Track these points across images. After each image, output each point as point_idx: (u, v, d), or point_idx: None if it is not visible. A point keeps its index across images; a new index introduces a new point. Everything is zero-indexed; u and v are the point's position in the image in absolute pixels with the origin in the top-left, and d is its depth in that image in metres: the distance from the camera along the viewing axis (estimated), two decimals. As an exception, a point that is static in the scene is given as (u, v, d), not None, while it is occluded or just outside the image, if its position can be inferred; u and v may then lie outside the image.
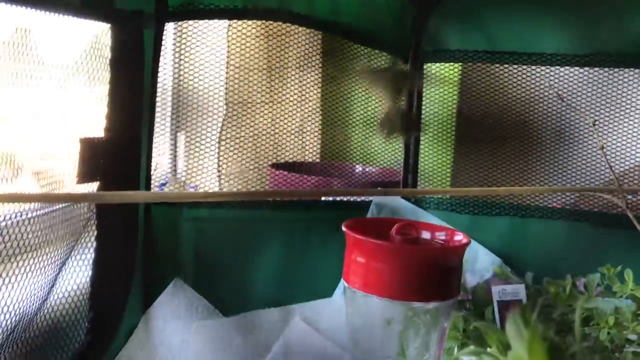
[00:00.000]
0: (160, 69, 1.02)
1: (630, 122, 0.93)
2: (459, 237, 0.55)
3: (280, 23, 0.93)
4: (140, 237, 0.76)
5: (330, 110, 1.34)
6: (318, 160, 1.39)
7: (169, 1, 0.75)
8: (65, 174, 0.68)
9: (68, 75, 0.69)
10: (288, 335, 0.81)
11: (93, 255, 0.70)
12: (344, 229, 0.54)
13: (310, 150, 1.38)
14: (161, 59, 1.11)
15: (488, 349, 0.39)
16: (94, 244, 0.70)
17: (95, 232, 0.71)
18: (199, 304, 0.80)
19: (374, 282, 0.51)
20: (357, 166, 1.32)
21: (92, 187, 0.69)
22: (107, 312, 0.70)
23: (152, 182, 0.79)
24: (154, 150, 0.83)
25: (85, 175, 0.67)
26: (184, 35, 1.00)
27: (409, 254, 0.51)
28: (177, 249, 0.81)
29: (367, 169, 1.30)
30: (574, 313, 0.71)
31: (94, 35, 0.72)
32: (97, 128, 0.70)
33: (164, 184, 0.88)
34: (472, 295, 0.77)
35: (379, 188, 0.99)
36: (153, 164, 0.81)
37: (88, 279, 0.70)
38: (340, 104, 1.30)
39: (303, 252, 0.89)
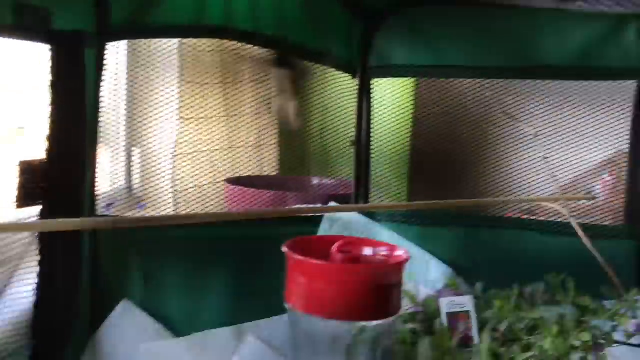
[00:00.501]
0: (113, 86, 1.01)
1: (571, 133, 0.96)
2: (400, 252, 0.56)
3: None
4: (86, 260, 0.75)
5: (285, 124, 1.35)
6: (276, 173, 1.39)
7: (112, 20, 0.74)
8: (3, 199, 0.67)
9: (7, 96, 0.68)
10: (242, 354, 0.80)
11: (36, 281, 0.68)
12: (284, 249, 0.54)
13: (268, 164, 1.38)
14: (114, 76, 1.10)
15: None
16: (37, 269, 0.69)
17: (38, 257, 0.69)
18: (148, 325, 0.79)
19: (316, 303, 0.51)
20: (314, 178, 1.33)
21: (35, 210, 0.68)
22: (51, 339, 0.69)
23: (97, 203, 0.77)
24: (105, 166, 0.82)
25: (25, 200, 0.65)
26: (136, 52, 1.00)
27: (349, 273, 0.51)
28: (125, 270, 0.79)
29: (323, 181, 1.30)
30: (520, 323, 0.73)
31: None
32: (37, 150, 0.69)
33: (110, 205, 0.86)
34: (423, 307, 0.78)
35: (332, 202, 0.99)
36: (101, 181, 0.80)
37: (31, 306, 0.68)
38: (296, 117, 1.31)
39: (256, 269, 0.88)
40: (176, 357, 0.77)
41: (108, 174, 1.14)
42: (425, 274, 0.93)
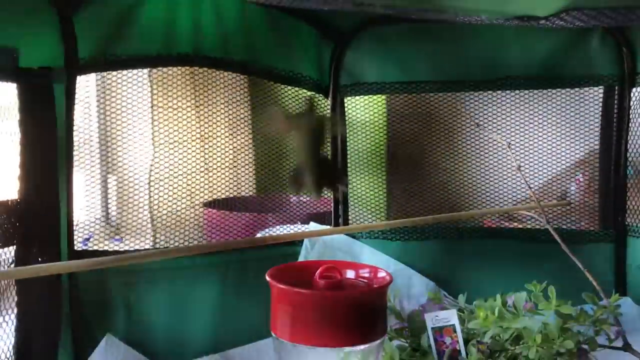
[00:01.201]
0: (85, 117, 0.99)
1: (544, 140, 0.98)
2: (382, 274, 0.56)
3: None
4: (66, 297, 0.74)
5: (262, 142, 1.34)
6: (253, 193, 1.39)
7: (80, 54, 0.73)
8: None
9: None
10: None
11: (15, 323, 0.67)
12: (267, 278, 0.54)
13: (245, 184, 1.38)
14: (85, 106, 1.09)
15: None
16: (15, 310, 0.67)
17: (16, 298, 0.68)
18: (134, 358, 0.78)
19: (301, 331, 0.51)
20: (292, 197, 1.32)
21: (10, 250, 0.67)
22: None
23: (75, 239, 0.76)
24: (80, 195, 0.80)
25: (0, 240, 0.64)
26: (105, 82, 0.99)
27: (333, 300, 0.51)
28: (106, 304, 0.78)
29: (301, 199, 1.30)
30: (504, 333, 0.73)
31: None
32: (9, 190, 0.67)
33: (87, 239, 0.85)
34: (408, 323, 0.78)
35: (311, 222, 0.99)
36: (78, 213, 0.79)
37: (10, 347, 0.67)
38: (271, 136, 1.31)
39: (239, 294, 0.88)
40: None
41: (84, 204, 1.12)
42: (408, 289, 0.94)
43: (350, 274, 0.59)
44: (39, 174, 0.69)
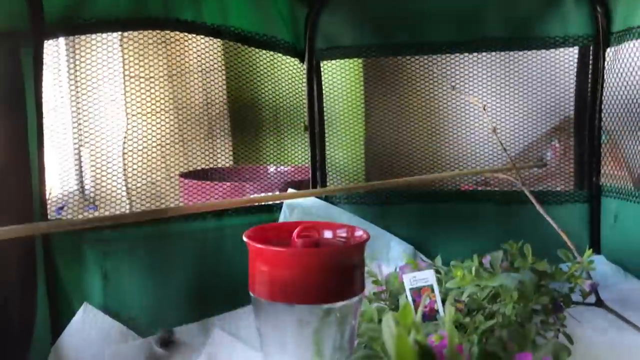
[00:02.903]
0: (56, 85, 0.97)
1: (518, 102, 0.98)
2: (359, 233, 0.56)
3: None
4: (40, 267, 0.72)
5: (239, 112, 1.33)
6: (230, 164, 1.38)
7: (46, 17, 0.71)
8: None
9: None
10: (210, 348, 0.79)
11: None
12: (244, 239, 0.54)
13: (222, 155, 1.36)
14: (56, 75, 1.07)
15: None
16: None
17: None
18: (112, 327, 0.77)
19: (279, 289, 0.51)
20: (270, 167, 1.32)
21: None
22: (11, 348, 0.67)
23: (48, 206, 0.75)
24: (54, 168, 0.79)
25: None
26: (76, 48, 0.96)
27: (311, 257, 0.51)
28: (83, 274, 0.77)
29: (279, 169, 1.30)
30: (481, 292, 0.74)
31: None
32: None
33: (61, 208, 0.84)
34: (386, 286, 0.79)
35: (289, 189, 0.99)
36: (52, 184, 0.77)
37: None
38: (248, 105, 1.29)
39: (218, 262, 0.87)
40: (144, 357, 0.76)
41: (58, 177, 1.10)
42: (386, 253, 0.94)
43: (328, 234, 0.58)
44: (8, 142, 0.67)
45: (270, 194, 0.96)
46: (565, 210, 0.96)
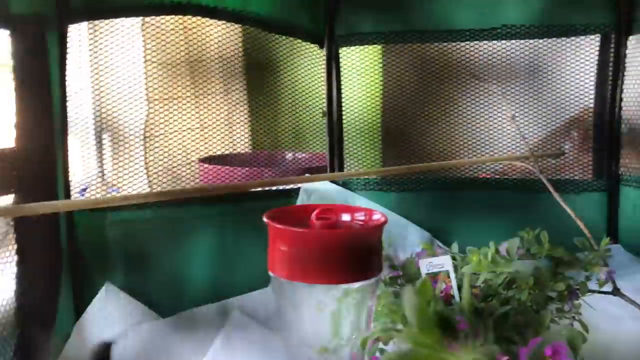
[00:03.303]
0: (78, 70, 0.98)
1: (538, 91, 0.98)
2: (377, 216, 0.57)
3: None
4: (64, 246, 0.74)
5: (256, 99, 1.34)
6: (248, 150, 1.39)
7: (71, 2, 0.73)
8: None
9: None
10: (228, 329, 0.81)
11: (15, 270, 0.68)
12: (264, 219, 0.55)
13: (240, 141, 1.38)
14: (78, 59, 1.08)
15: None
16: (15, 258, 0.68)
17: (15, 246, 0.68)
18: (133, 307, 0.79)
19: (299, 269, 0.52)
20: (287, 153, 1.33)
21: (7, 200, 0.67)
22: (35, 326, 0.69)
23: (71, 188, 0.77)
24: (75, 153, 0.81)
25: (-3, 189, 0.64)
26: (97, 34, 0.98)
27: (329, 238, 0.52)
28: (105, 254, 0.79)
29: (297, 156, 1.30)
30: (497, 278, 0.75)
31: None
32: (6, 138, 0.67)
33: (84, 189, 0.86)
34: (402, 271, 0.79)
35: (306, 174, 0.99)
36: (74, 169, 0.79)
37: (12, 295, 0.68)
38: (266, 92, 1.30)
39: (236, 245, 0.89)
40: (164, 337, 0.78)
41: (79, 162, 1.12)
42: (403, 240, 0.95)
43: (346, 217, 0.59)
44: (36, 123, 0.68)
45: (287, 177, 0.97)
46: (583, 199, 0.96)
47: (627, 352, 0.78)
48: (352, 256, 0.52)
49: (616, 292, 0.80)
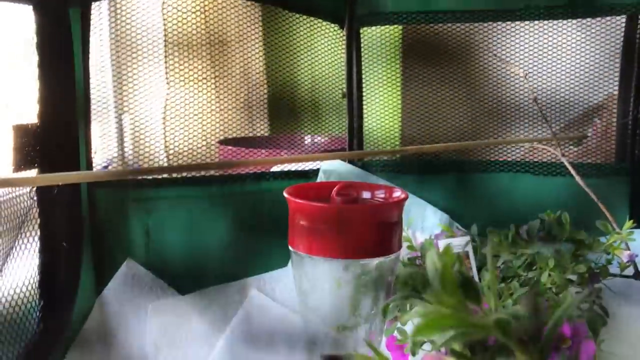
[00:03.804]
0: (97, 50, 0.99)
1: (561, 73, 0.96)
2: (397, 193, 0.57)
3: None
4: (86, 222, 0.75)
5: (276, 81, 1.34)
6: (267, 133, 1.39)
7: (94, -22, 0.73)
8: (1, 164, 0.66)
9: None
10: (246, 308, 0.82)
11: (38, 244, 0.69)
12: (285, 195, 0.55)
13: (259, 124, 1.38)
14: (99, 39, 1.09)
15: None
16: (38, 232, 0.69)
17: (38, 220, 0.69)
18: (154, 283, 0.80)
19: (319, 244, 0.52)
20: (306, 137, 1.33)
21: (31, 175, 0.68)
22: (57, 300, 0.70)
23: (93, 166, 0.78)
24: (95, 134, 0.81)
25: (21, 163, 0.65)
26: (118, 14, 0.98)
27: (349, 213, 0.52)
28: (126, 230, 0.80)
29: (316, 139, 1.30)
30: (517, 259, 0.74)
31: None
32: (30, 114, 0.68)
33: (106, 167, 0.86)
34: (421, 252, 0.79)
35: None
36: (94, 148, 0.80)
37: (36, 268, 0.69)
38: (285, 75, 1.30)
39: (255, 224, 0.89)
40: (183, 314, 0.79)
41: (100, 142, 1.14)
42: (421, 222, 0.95)
43: (366, 194, 0.59)
44: (59, 98, 0.69)
45: (305, 168, 0.97)
46: (605, 183, 0.95)
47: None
48: (372, 232, 0.52)
49: (638, 276, 0.79)
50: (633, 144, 0.95)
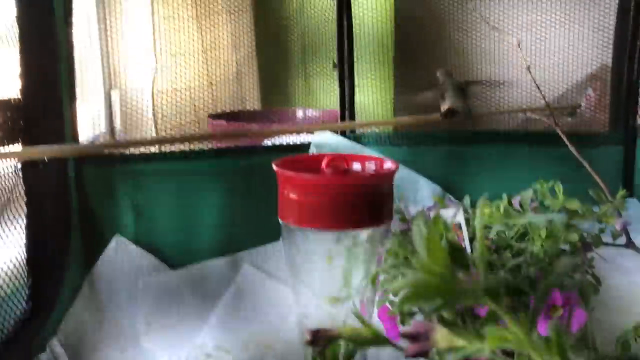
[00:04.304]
0: (85, 26, 0.97)
1: (555, 41, 0.95)
2: (388, 164, 0.56)
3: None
4: (74, 198, 0.74)
5: (266, 53, 1.32)
6: (258, 107, 1.38)
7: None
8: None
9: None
10: (238, 282, 0.81)
11: (25, 221, 0.68)
12: (274, 167, 0.54)
13: (250, 97, 1.36)
14: (85, 15, 1.06)
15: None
16: (25, 209, 0.68)
17: (25, 198, 0.68)
18: (144, 259, 0.79)
19: (309, 216, 0.51)
20: (298, 110, 1.31)
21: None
22: (46, 277, 0.69)
23: (80, 142, 0.76)
24: (84, 110, 0.80)
25: (4, 139, 0.64)
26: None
27: (339, 183, 0.51)
28: (115, 206, 0.79)
29: (308, 112, 1.29)
30: (509, 230, 0.74)
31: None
32: (13, 89, 0.67)
33: (93, 142, 0.85)
34: (413, 224, 0.79)
35: (316, 132, 0.98)
36: (83, 126, 0.78)
37: (23, 246, 0.68)
38: (276, 45, 1.28)
39: (246, 199, 0.88)
40: (175, 289, 0.78)
41: (89, 119, 1.12)
42: (414, 194, 0.94)
43: (356, 165, 0.58)
44: (40, 73, 0.67)
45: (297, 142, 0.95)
46: (599, 153, 0.94)
47: (637, 303, 0.77)
48: (363, 202, 0.51)
49: (630, 244, 0.78)
50: (627, 113, 0.95)
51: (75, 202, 0.75)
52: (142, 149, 0.85)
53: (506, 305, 0.25)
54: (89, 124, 1.12)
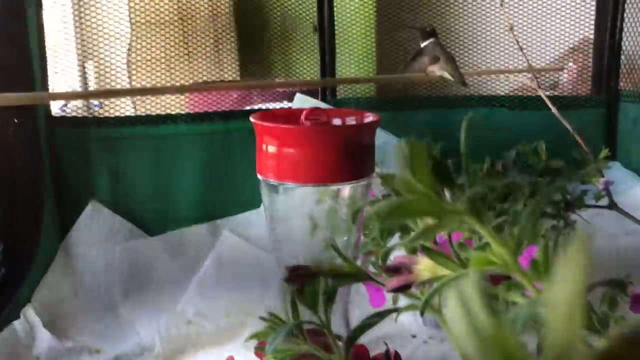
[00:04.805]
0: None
1: (535, 22, 0.94)
2: (369, 117, 0.54)
3: None
4: (46, 163, 0.72)
5: (245, 24, 1.29)
6: (237, 78, 1.35)
7: None
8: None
9: None
10: (219, 249, 0.80)
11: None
12: (251, 120, 0.52)
13: (228, 68, 1.34)
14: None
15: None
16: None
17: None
18: (120, 225, 0.77)
19: (289, 170, 0.50)
20: (278, 79, 1.29)
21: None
22: (19, 243, 0.67)
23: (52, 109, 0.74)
24: (58, 83, 0.77)
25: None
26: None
27: (320, 135, 0.50)
28: (89, 171, 0.77)
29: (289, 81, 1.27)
30: (492, 192, 0.73)
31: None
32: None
33: (65, 105, 0.82)
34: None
35: (297, 94, 0.96)
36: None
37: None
38: (255, 16, 1.25)
39: (225, 165, 0.86)
40: (153, 256, 0.76)
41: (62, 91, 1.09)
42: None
43: (337, 120, 0.57)
44: (10, 40, 0.65)
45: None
46: (582, 116, 0.94)
47: (618, 266, 0.77)
48: (344, 155, 0.49)
49: (613, 205, 0.78)
50: (609, 75, 0.94)
51: (48, 167, 0.72)
52: (117, 113, 0.82)
53: (492, 226, 0.24)
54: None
